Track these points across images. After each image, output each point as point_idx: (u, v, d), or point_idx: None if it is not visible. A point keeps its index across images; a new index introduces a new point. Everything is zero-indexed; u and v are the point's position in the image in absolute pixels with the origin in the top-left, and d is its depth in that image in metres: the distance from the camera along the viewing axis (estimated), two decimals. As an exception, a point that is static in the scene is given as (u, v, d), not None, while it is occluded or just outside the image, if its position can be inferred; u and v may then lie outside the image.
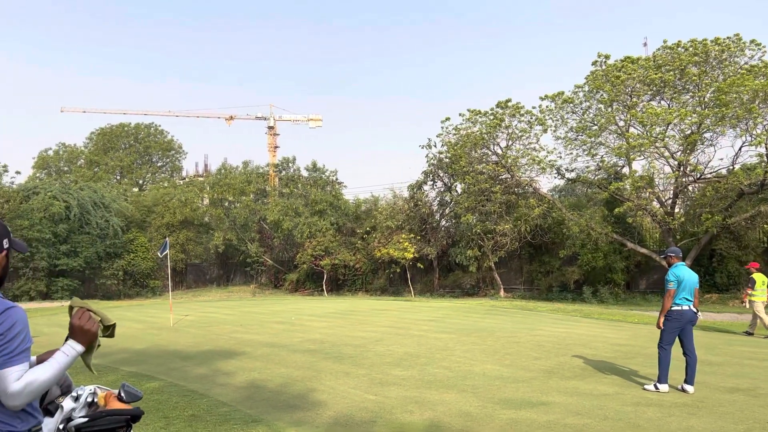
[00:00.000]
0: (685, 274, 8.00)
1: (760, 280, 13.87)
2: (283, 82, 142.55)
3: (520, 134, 27.10)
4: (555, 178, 28.64)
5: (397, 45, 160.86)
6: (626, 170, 25.24)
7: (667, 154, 23.12)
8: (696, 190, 24.62)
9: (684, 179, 23.17)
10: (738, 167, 21.84)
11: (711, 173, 23.35)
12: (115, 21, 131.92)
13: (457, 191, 31.47)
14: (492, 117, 27.10)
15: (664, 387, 7.81)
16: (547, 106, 25.96)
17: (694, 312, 8.01)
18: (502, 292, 28.45)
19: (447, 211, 32.75)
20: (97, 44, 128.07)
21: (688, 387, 7.76)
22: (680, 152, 22.99)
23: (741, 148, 22.24)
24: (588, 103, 25.02)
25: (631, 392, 7.77)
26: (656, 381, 7.94)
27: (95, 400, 2.84)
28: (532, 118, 26.53)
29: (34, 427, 2.38)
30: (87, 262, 33.03)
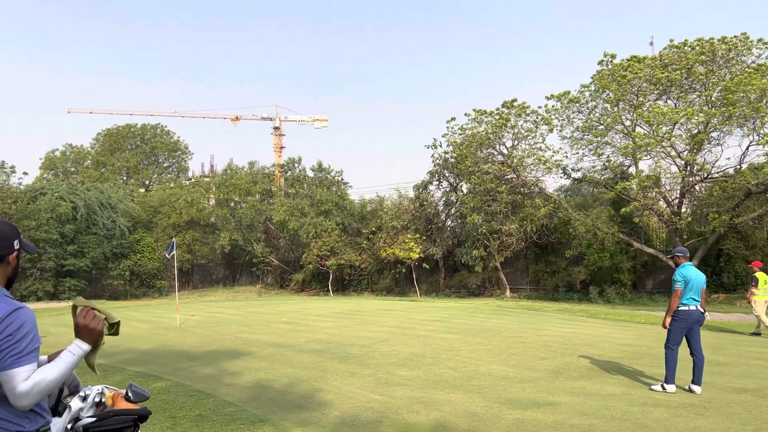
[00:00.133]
0: (692, 274, 7.97)
1: (763, 279, 13.84)
2: (287, 83, 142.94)
3: (525, 134, 27.08)
4: (561, 177, 28.64)
5: (398, 45, 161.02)
6: (633, 170, 25.16)
7: (673, 153, 23.04)
8: (703, 189, 24.51)
9: (691, 179, 23.08)
10: (745, 166, 21.76)
11: (718, 173, 23.23)
12: (119, 22, 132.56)
13: (462, 191, 31.46)
14: (498, 117, 27.07)
15: (672, 387, 7.79)
16: (553, 106, 25.95)
17: (701, 312, 7.98)
18: (508, 293, 28.41)
19: (452, 211, 32.72)
20: (102, 45, 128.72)
21: (695, 387, 7.73)
22: (687, 152, 22.90)
23: (748, 148, 22.19)
24: (594, 103, 24.96)
25: (638, 392, 7.74)
26: (663, 381, 7.91)
27: (103, 400, 2.86)
28: (537, 117, 26.50)
29: (43, 427, 2.39)
30: (94, 263, 33.20)
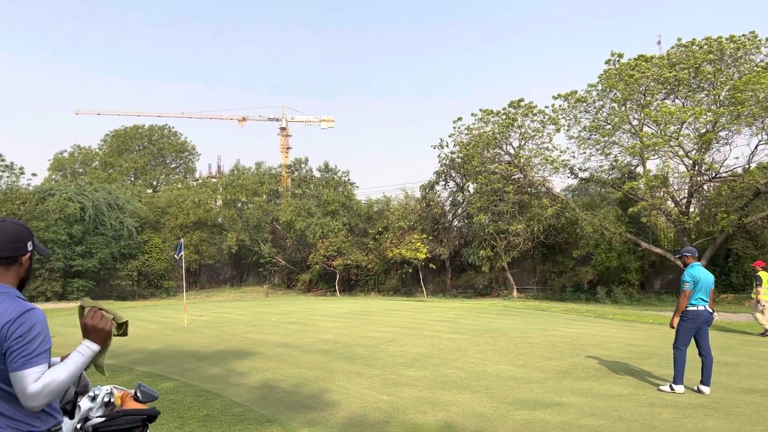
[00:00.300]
0: (701, 275, 7.93)
1: (766, 278, 13.83)
2: (294, 84, 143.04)
3: (532, 134, 27.02)
4: (568, 177, 28.55)
5: (402, 46, 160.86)
6: (640, 169, 25.05)
7: (681, 153, 22.93)
8: (711, 189, 24.38)
9: (699, 178, 22.95)
10: (754, 166, 21.64)
11: (726, 172, 23.10)
12: (127, 25, 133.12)
13: (469, 191, 31.41)
14: (504, 117, 27.02)
15: (680, 388, 7.75)
16: (560, 106, 25.87)
17: (709, 312, 7.94)
18: (515, 293, 28.34)
19: (459, 211, 32.68)
20: (110, 47, 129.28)
21: (704, 388, 7.70)
22: (695, 151, 22.79)
23: (757, 147, 22.07)
24: (601, 102, 24.87)
25: (646, 393, 7.71)
26: (672, 382, 7.88)
27: (112, 400, 2.87)
28: (544, 117, 26.44)
29: (54, 427, 2.41)
30: (102, 263, 33.37)
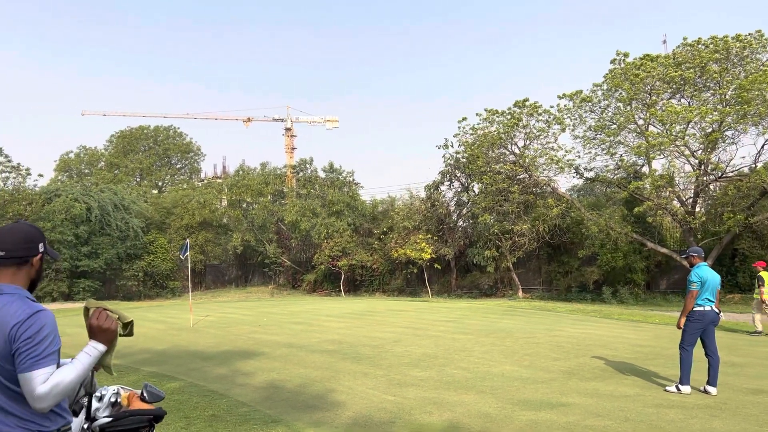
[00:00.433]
0: (707, 275, 7.90)
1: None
2: (298, 85, 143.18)
3: (537, 134, 26.97)
4: (573, 177, 28.49)
5: (406, 46, 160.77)
6: (646, 169, 24.98)
7: (687, 152, 22.84)
8: (717, 188, 24.29)
9: (705, 178, 22.86)
10: (760, 165, 21.54)
11: (733, 172, 23.02)
12: (133, 26, 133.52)
13: (474, 191, 31.38)
14: (509, 116, 26.97)
15: (686, 388, 7.72)
16: (565, 105, 25.82)
17: (716, 313, 7.92)
18: (520, 293, 28.30)
19: (464, 211, 32.64)
20: (115, 48, 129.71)
21: (710, 388, 7.67)
22: (701, 151, 22.70)
23: (764, 146, 21.98)
24: (607, 102, 24.81)
25: (653, 394, 7.68)
26: (678, 382, 7.85)
27: (118, 400, 2.88)
28: (549, 117, 26.38)
29: (63, 427, 2.42)
30: (107, 264, 33.48)
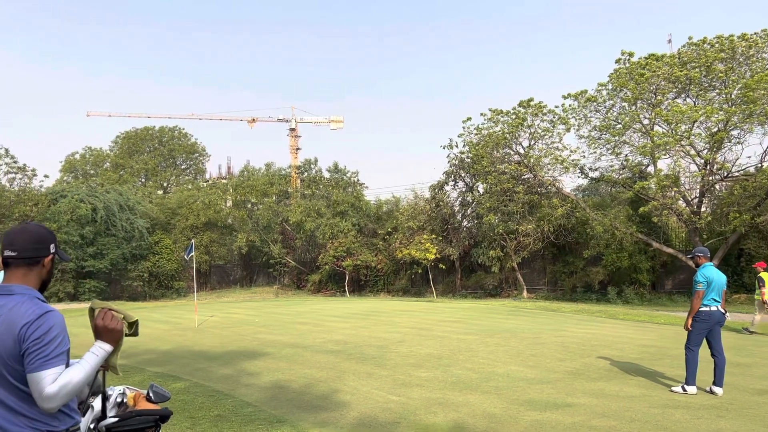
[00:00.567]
0: (713, 275, 7.88)
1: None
2: (303, 85, 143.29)
3: (542, 133, 26.94)
4: (578, 177, 28.45)
5: (411, 47, 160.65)
6: (651, 169, 24.90)
7: (693, 152, 22.77)
8: (723, 188, 24.20)
9: (711, 178, 22.78)
10: (767, 165, 21.44)
11: (738, 171, 22.92)
12: (138, 27, 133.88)
13: (478, 191, 31.35)
14: (514, 116, 26.95)
15: (692, 389, 7.70)
16: (570, 105, 25.78)
17: (722, 313, 7.89)
18: (525, 293, 28.25)
19: (469, 211, 32.62)
20: (121, 49, 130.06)
21: (716, 389, 7.64)
22: (707, 150, 22.61)
23: (770, 146, 21.85)
24: (612, 102, 24.75)
25: (659, 394, 7.66)
26: (684, 383, 7.83)
27: (125, 400, 2.89)
28: (554, 117, 26.35)
29: (72, 427, 2.43)
30: (113, 264, 33.59)
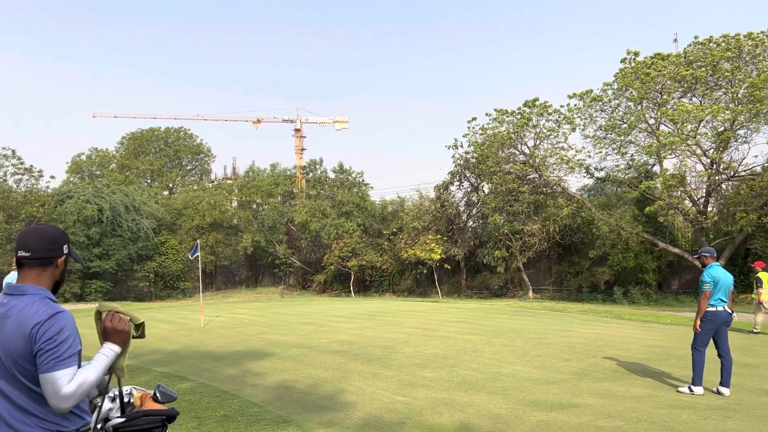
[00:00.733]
0: (720, 275, 7.85)
1: (766, 279, 13.89)
2: (307, 85, 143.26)
3: (548, 133, 26.89)
4: (584, 177, 28.37)
5: (414, 47, 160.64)
6: (657, 169, 24.83)
7: (699, 151, 22.68)
8: (730, 188, 24.09)
9: (717, 177, 22.70)
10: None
11: (745, 171, 22.83)
12: (142, 27, 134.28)
13: (484, 191, 31.32)
14: (519, 116, 26.90)
15: (699, 389, 7.67)
16: (575, 105, 25.70)
17: (729, 313, 7.86)
18: (530, 293, 28.21)
19: (474, 211, 32.59)
20: (125, 50, 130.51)
21: (723, 389, 7.61)
22: (713, 150, 22.52)
23: (777, 145, 21.76)
24: (617, 101, 24.68)
25: (665, 394, 7.63)
26: (690, 383, 7.80)
27: (131, 400, 2.90)
28: (560, 116, 26.29)
29: (83, 428, 2.44)
30: (119, 265, 33.71)
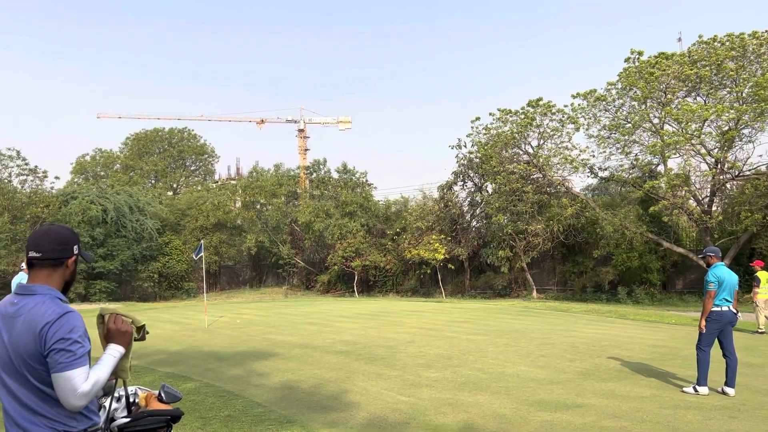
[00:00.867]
0: (725, 275, 7.83)
1: (765, 278, 13.95)
2: (311, 86, 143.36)
3: (551, 133, 26.85)
4: (588, 177, 28.33)
5: (416, 47, 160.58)
6: (661, 168, 24.77)
7: (703, 151, 22.62)
8: (734, 187, 24.04)
9: (721, 177, 22.64)
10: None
11: (750, 170, 22.76)
12: (146, 28, 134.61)
13: (487, 191, 31.29)
14: (523, 116, 26.88)
15: (704, 389, 7.65)
16: (579, 104, 25.68)
17: (733, 313, 7.84)
18: (534, 293, 28.17)
19: (478, 211, 32.58)
20: (129, 50, 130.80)
21: (728, 389, 7.59)
22: (717, 149, 22.47)
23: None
24: (621, 101, 24.65)
25: (670, 395, 7.62)
26: (695, 383, 7.78)
27: (136, 400, 2.91)
28: (563, 116, 26.25)
29: (91, 428, 2.45)
30: (123, 265, 33.80)
